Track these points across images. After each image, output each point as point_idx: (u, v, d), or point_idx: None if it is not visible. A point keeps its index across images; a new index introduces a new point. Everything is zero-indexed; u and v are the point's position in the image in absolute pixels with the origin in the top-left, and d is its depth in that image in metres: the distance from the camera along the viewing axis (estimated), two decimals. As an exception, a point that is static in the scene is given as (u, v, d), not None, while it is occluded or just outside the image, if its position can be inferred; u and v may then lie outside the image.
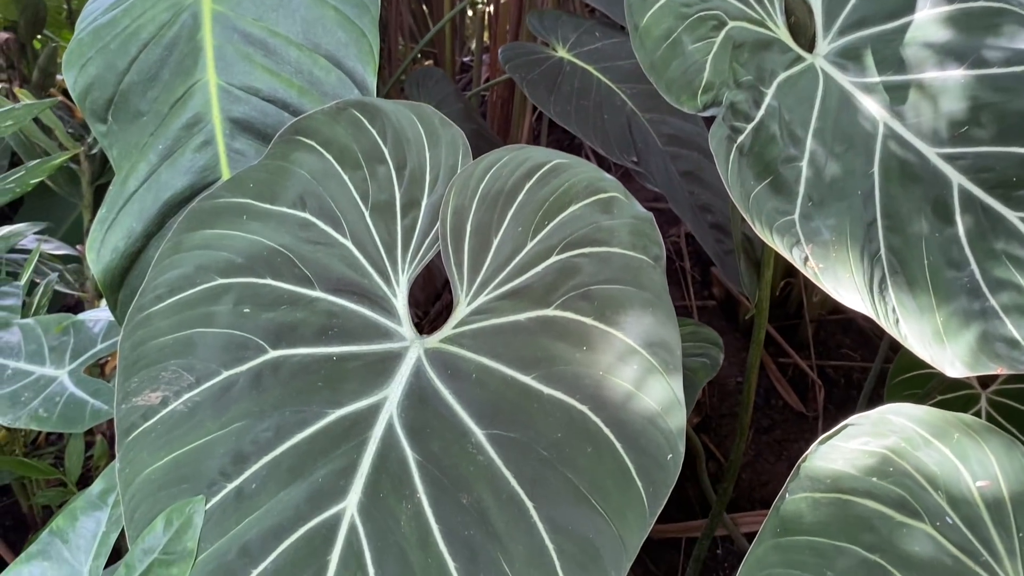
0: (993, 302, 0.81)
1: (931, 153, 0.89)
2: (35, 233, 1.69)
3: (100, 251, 0.88)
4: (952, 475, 0.70)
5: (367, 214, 0.84)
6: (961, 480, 0.70)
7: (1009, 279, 0.82)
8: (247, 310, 0.82)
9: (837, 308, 2.26)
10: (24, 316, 1.32)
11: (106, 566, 0.85)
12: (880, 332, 2.07)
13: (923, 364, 1.39)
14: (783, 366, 2.17)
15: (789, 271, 2.22)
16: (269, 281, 0.83)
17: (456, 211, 0.82)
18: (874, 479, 0.70)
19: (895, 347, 1.77)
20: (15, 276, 1.57)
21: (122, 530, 0.83)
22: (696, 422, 2.06)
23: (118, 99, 0.94)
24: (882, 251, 0.83)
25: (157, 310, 0.83)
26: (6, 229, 1.60)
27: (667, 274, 2.51)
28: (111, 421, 1.56)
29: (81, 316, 1.20)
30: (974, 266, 0.83)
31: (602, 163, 2.53)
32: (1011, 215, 0.84)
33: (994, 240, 0.84)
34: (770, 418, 2.08)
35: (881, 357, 1.80)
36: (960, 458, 0.71)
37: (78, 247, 1.71)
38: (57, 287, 1.59)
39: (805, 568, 0.69)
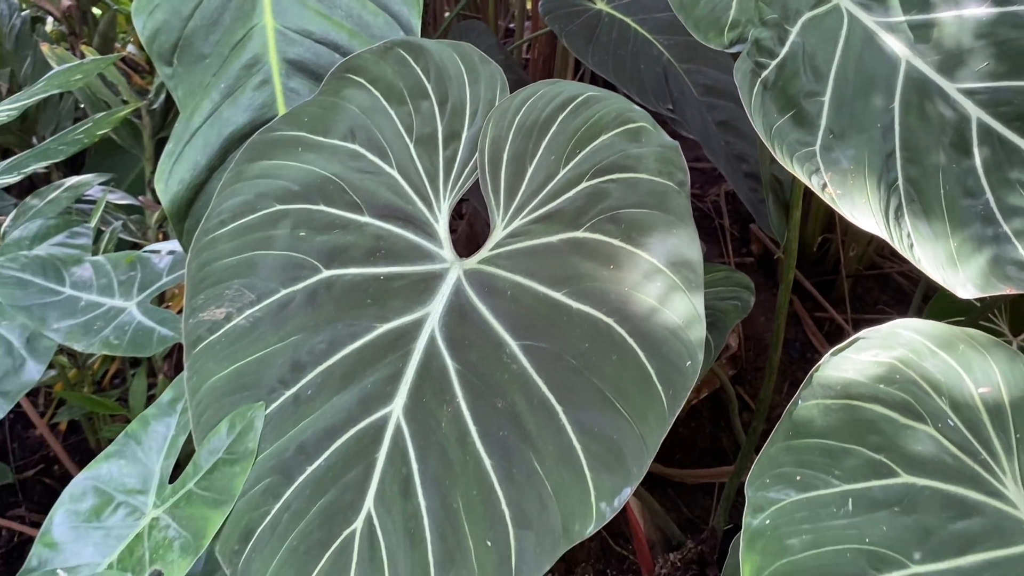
0: (1006, 228, 0.84)
1: (951, 89, 0.92)
2: (100, 184, 1.79)
3: (168, 182, 0.96)
4: (955, 382, 0.75)
5: (411, 145, 0.91)
6: (964, 386, 0.75)
7: (1022, 206, 0.85)
8: (303, 233, 0.90)
9: (874, 264, 2.28)
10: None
11: (175, 467, 0.94)
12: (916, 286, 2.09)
13: (952, 312, 1.42)
14: (819, 320, 2.20)
15: (827, 226, 2.24)
16: (322, 207, 0.90)
17: (493, 141, 0.88)
18: (881, 386, 0.75)
19: (927, 298, 1.79)
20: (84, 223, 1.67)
21: (189, 433, 0.92)
22: (732, 374, 2.11)
23: (183, 43, 1.01)
24: (899, 180, 0.87)
25: (221, 234, 0.91)
26: (74, 179, 1.70)
27: (707, 232, 2.54)
28: (173, 363, 1.66)
29: (146, 252, 1.29)
30: (989, 195, 0.86)
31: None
32: (1027, 146, 0.88)
33: (1009, 170, 0.87)
34: (805, 371, 2.12)
35: (914, 309, 1.82)
36: (964, 367, 0.75)
37: (140, 198, 1.81)
38: (120, 235, 1.68)
39: (815, 467, 0.74)
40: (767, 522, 0.72)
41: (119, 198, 1.81)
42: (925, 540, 0.69)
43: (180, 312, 1.21)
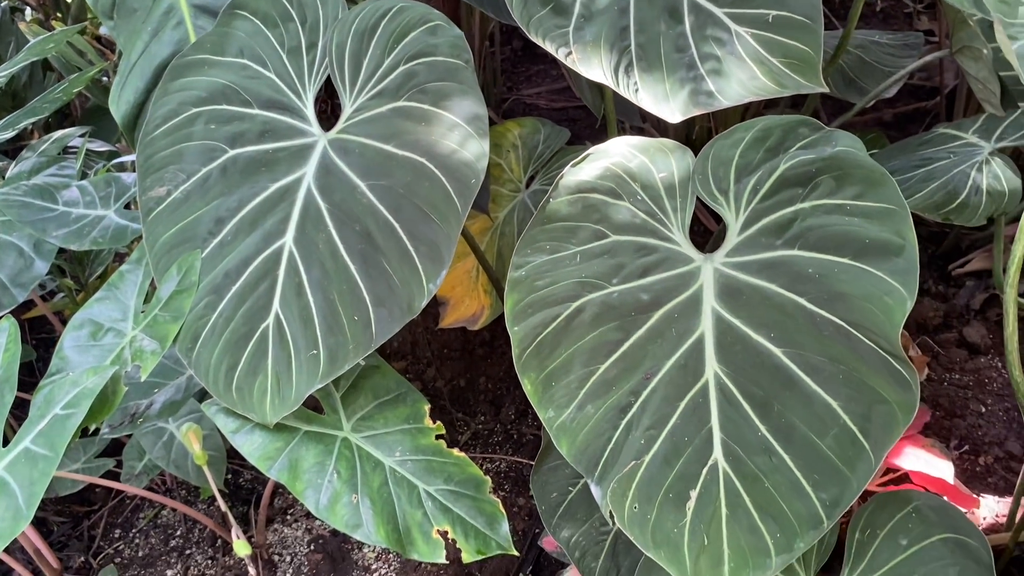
0: (702, 70, 1.19)
1: (673, -25, 1.26)
2: (79, 136, 2.15)
3: (119, 104, 1.32)
4: (645, 172, 1.11)
5: (284, 56, 1.27)
6: (650, 175, 1.10)
7: (713, 53, 1.19)
8: (213, 127, 1.26)
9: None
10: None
11: (144, 302, 1.31)
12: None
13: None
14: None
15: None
16: (225, 106, 1.26)
17: (339, 45, 1.23)
18: (599, 181, 1.11)
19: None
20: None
21: (151, 278, 1.29)
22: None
23: (118, 2, 1.36)
24: (632, 46, 1.22)
25: (157, 134, 1.27)
26: (59, 132, 2.05)
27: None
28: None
29: (116, 173, 1.65)
30: (693, 49, 1.21)
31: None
32: (719, 11, 1.22)
33: (708, 29, 1.21)
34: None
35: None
36: (651, 163, 1.11)
37: (117, 145, 2.17)
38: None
39: (559, 240, 1.11)
40: (524, 274, 1.09)
41: (99, 146, 2.17)
42: (619, 271, 1.06)
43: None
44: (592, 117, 2.64)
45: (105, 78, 2.13)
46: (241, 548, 1.34)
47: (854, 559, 1.01)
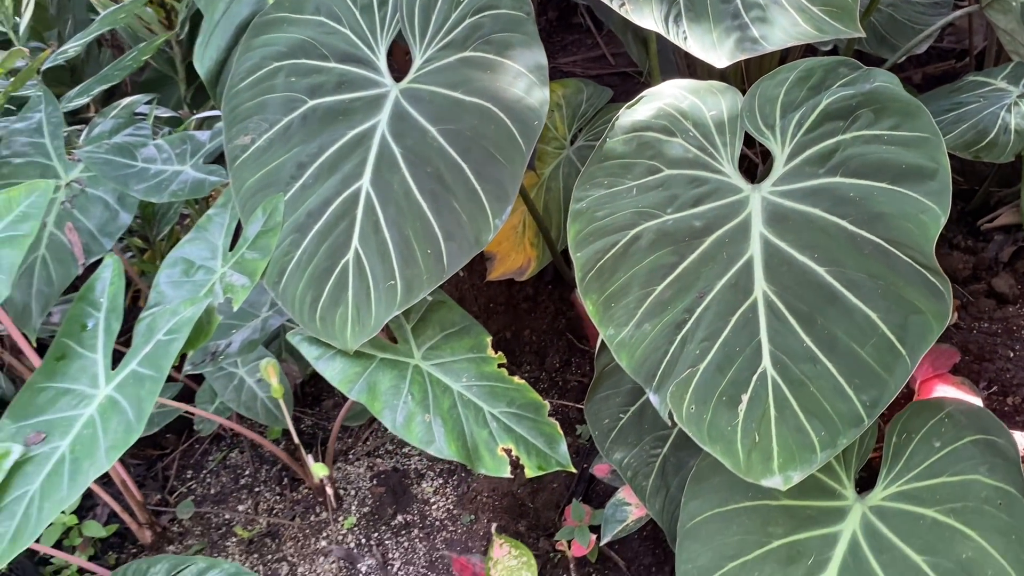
0: (747, 19, 1.28)
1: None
2: (145, 103, 2.27)
3: (203, 61, 1.44)
4: (697, 111, 1.21)
5: (357, 12, 1.37)
6: (701, 113, 1.20)
7: (757, 3, 1.28)
8: (293, 79, 1.37)
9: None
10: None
11: (232, 243, 1.43)
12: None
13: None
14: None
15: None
16: (304, 60, 1.37)
17: (408, 1, 1.34)
18: (653, 120, 1.21)
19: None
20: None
21: (238, 221, 1.41)
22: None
23: (200, -33, 1.48)
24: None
25: (241, 87, 1.39)
26: (127, 99, 2.18)
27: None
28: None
29: (191, 131, 1.77)
30: (738, 0, 1.30)
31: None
32: (762, -36, 1.31)
33: (751, -19, 1.30)
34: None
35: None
36: (702, 102, 1.21)
37: (179, 111, 2.29)
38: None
39: (615, 175, 1.21)
40: (584, 206, 1.19)
41: (163, 112, 2.29)
42: (673, 202, 1.16)
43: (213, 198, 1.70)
44: (627, 83, 2.72)
45: (168, 49, 2.25)
46: (320, 469, 1.46)
47: (891, 460, 1.11)
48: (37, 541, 1.24)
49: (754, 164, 2.04)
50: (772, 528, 1.09)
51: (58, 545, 1.76)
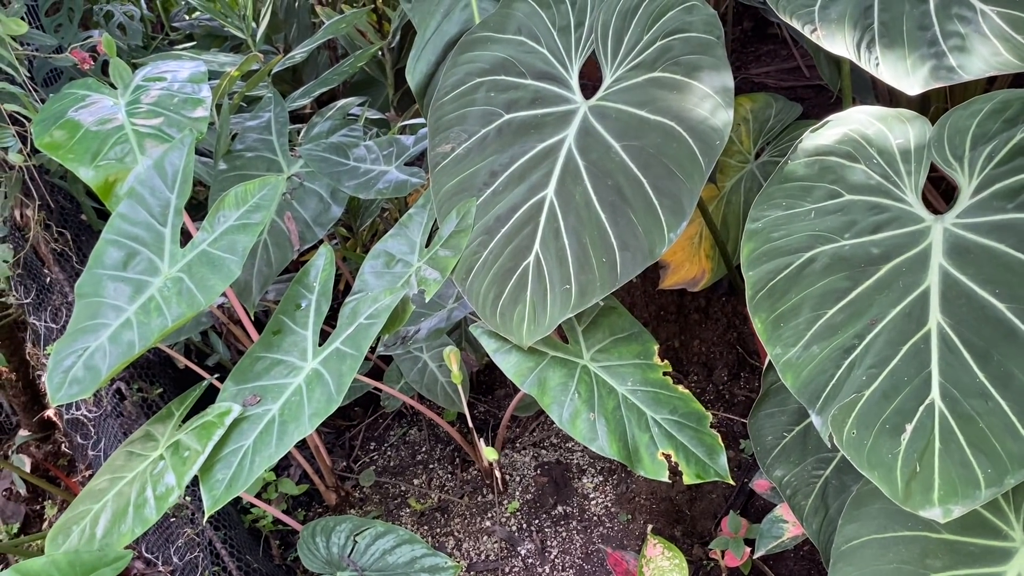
0: (944, 47, 1.26)
1: (920, -44, 1.33)
2: (358, 105, 2.50)
3: (414, 74, 1.59)
4: (882, 138, 1.21)
5: (555, 33, 1.47)
6: (886, 140, 1.20)
7: (957, 31, 1.26)
8: (492, 94, 1.49)
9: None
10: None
11: (428, 240, 1.57)
12: None
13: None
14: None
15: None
16: (503, 77, 1.48)
17: (603, 23, 1.42)
18: (836, 145, 1.22)
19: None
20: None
21: (434, 220, 1.55)
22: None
23: (416, -13, 1.63)
24: (875, 24, 1.31)
25: (445, 100, 1.52)
26: (343, 101, 2.40)
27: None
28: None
29: (398, 135, 1.94)
30: (936, 27, 1.28)
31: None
32: (966, -11, 1.28)
33: (953, 8, 1.28)
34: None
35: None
36: (889, 130, 1.21)
37: (386, 114, 2.50)
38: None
39: (795, 197, 1.23)
40: (760, 225, 1.22)
41: (372, 114, 2.51)
42: (851, 227, 1.17)
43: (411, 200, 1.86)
44: (820, 96, 2.67)
45: (380, 56, 2.46)
46: (491, 453, 1.58)
47: (1067, 508, 1.07)
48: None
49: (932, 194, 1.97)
50: (930, 560, 1.08)
51: (257, 497, 1.99)
